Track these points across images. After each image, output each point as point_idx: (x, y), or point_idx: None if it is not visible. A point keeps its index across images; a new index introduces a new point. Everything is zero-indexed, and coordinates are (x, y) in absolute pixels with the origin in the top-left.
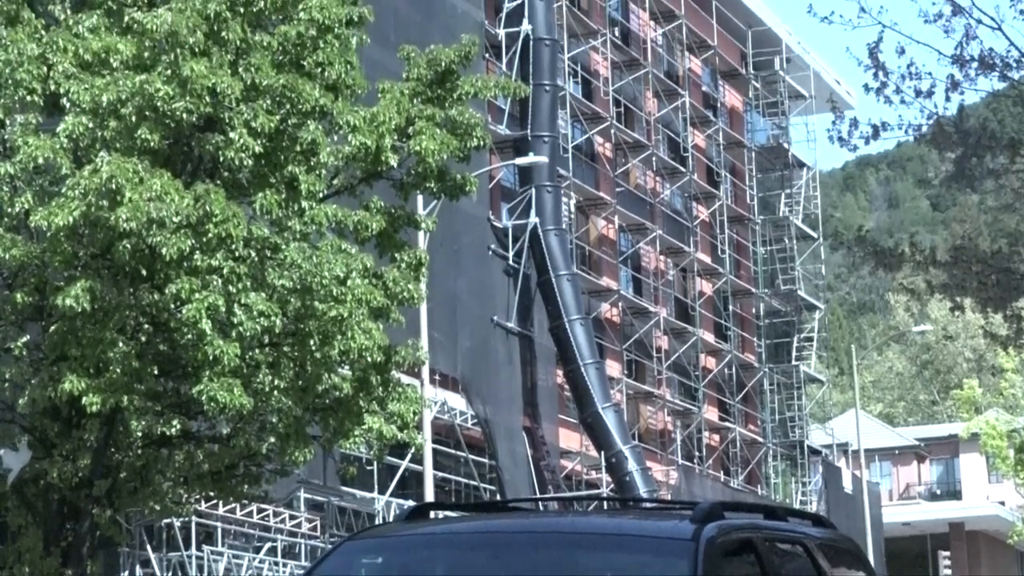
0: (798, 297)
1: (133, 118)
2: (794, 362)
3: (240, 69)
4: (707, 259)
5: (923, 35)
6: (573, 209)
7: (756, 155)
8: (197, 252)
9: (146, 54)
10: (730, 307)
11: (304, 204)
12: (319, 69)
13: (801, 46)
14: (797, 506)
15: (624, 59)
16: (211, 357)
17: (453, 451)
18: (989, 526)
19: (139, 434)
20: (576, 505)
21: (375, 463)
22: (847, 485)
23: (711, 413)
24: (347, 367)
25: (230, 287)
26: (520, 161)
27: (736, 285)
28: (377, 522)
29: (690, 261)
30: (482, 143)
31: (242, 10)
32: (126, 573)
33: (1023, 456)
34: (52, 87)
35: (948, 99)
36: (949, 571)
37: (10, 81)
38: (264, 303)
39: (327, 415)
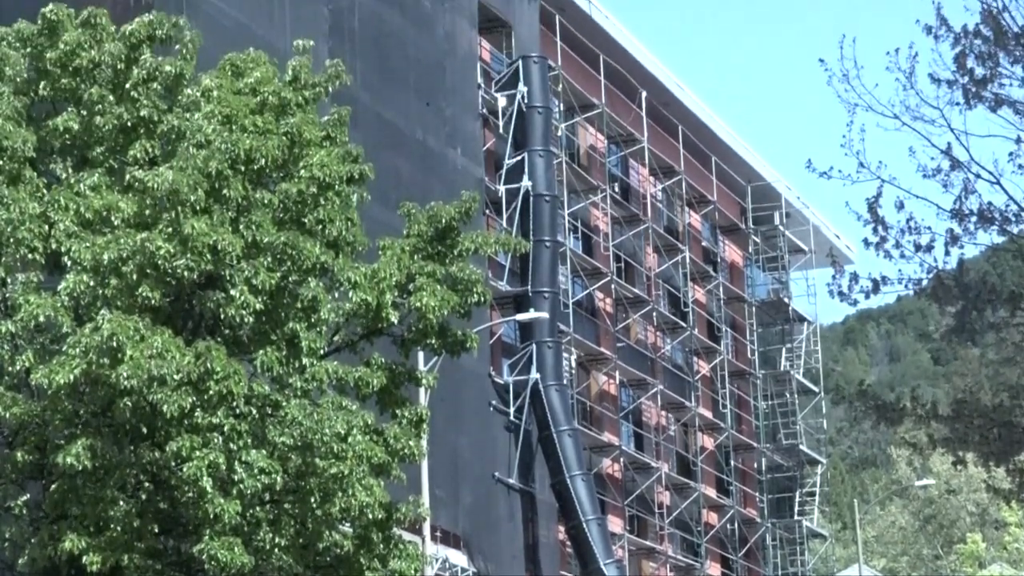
0: (800, 452)
1: (134, 276)
2: (796, 517)
3: (241, 226)
4: (708, 414)
5: (922, 189)
6: (574, 364)
7: (757, 310)
8: (198, 409)
9: (147, 212)
10: (732, 462)
11: (305, 361)
12: (320, 226)
13: (800, 201)
14: None
15: (624, 214)
16: (212, 515)
17: None
18: None
19: None
20: None
21: None
22: None
23: (714, 569)
24: (348, 524)
25: (231, 444)
26: (521, 317)
27: (737, 440)
28: None
29: (691, 416)
30: (483, 299)
31: (243, 168)
32: None
33: None
34: (53, 245)
35: (948, 253)
36: None
37: (11, 240)
38: (265, 460)
39: (328, 573)
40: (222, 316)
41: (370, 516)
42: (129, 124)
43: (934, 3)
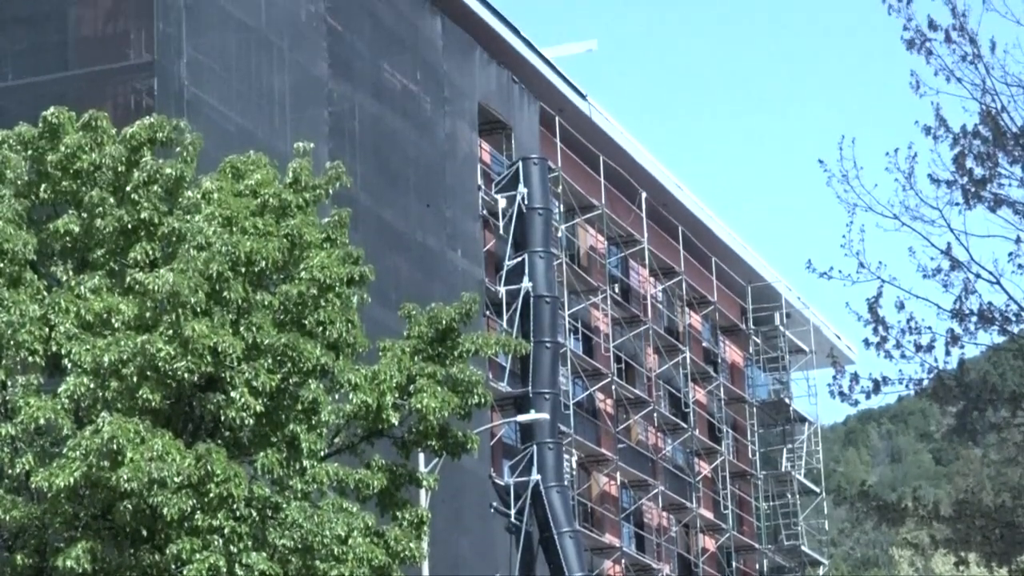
0: (802, 552)
1: (134, 378)
2: None
3: (241, 328)
4: (710, 515)
5: (922, 289)
6: (575, 465)
7: (757, 410)
8: (198, 512)
9: (148, 314)
10: (733, 563)
11: (305, 463)
12: (320, 328)
13: (801, 301)
14: None
15: (624, 315)
16: None
17: None
18: None
19: None
20: None
21: None
22: None
23: None
24: None
25: (231, 547)
26: (522, 418)
27: (739, 541)
28: None
29: (693, 517)
30: (483, 400)
31: (243, 270)
32: None
33: None
34: (54, 348)
35: (948, 353)
36: None
37: (12, 342)
38: (265, 563)
39: None
40: (222, 418)
41: None
42: (130, 226)
43: (933, 104)
